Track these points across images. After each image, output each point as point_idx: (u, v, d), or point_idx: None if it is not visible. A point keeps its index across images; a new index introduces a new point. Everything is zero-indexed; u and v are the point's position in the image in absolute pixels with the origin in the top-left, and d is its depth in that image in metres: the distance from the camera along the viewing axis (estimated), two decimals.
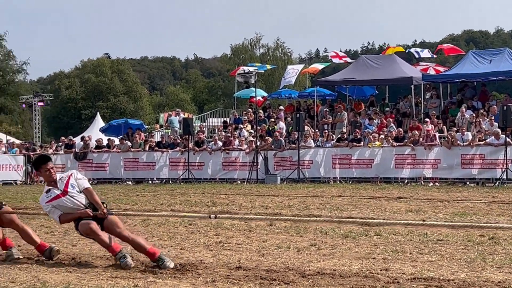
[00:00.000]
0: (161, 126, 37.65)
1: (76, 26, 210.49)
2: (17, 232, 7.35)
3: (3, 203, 7.78)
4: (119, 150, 25.48)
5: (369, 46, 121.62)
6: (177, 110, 36.05)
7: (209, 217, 7.04)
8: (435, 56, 33.81)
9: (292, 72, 32.30)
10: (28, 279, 5.66)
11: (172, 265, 6.31)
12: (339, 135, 23.21)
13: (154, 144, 25.51)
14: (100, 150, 25.97)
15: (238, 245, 7.84)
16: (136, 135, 26.56)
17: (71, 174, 6.90)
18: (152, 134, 31.43)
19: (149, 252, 6.44)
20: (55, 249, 6.85)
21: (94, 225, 6.54)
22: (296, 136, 22.72)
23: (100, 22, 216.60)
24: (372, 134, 22.23)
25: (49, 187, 6.80)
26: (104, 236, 6.58)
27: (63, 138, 28.69)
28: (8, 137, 33.99)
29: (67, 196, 6.66)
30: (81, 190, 6.76)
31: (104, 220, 6.64)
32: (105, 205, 6.75)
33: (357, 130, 22.91)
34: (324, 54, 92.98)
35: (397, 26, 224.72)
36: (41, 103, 39.73)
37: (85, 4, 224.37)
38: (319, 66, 33.96)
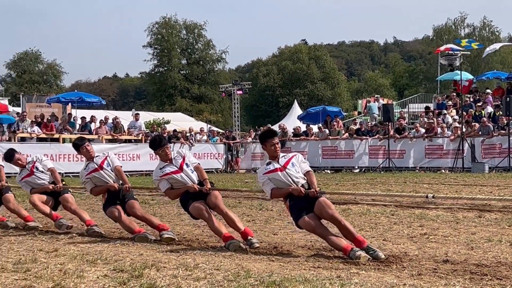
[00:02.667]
0: (359, 113, 37.45)
1: (272, 13, 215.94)
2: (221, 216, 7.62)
3: (213, 183, 8.16)
4: (317, 138, 25.76)
5: None
6: (376, 96, 35.65)
7: (426, 197, 6.80)
8: None
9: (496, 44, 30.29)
10: (232, 267, 5.80)
11: (383, 256, 6.13)
12: None
13: (353, 131, 25.39)
14: (298, 138, 26.45)
15: (445, 237, 7.45)
16: (335, 123, 26.66)
17: (295, 155, 7.09)
18: (356, 122, 31.25)
19: (358, 240, 6.30)
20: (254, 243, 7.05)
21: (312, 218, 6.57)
22: (505, 122, 21.26)
23: (297, 8, 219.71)
24: None
25: (270, 160, 7.00)
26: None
27: (262, 128, 29.57)
28: (209, 126, 35.36)
29: (284, 172, 6.79)
30: (303, 172, 6.88)
31: (315, 201, 6.59)
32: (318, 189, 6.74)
33: None
34: None
35: None
36: (240, 92, 40.59)
37: None
38: None
